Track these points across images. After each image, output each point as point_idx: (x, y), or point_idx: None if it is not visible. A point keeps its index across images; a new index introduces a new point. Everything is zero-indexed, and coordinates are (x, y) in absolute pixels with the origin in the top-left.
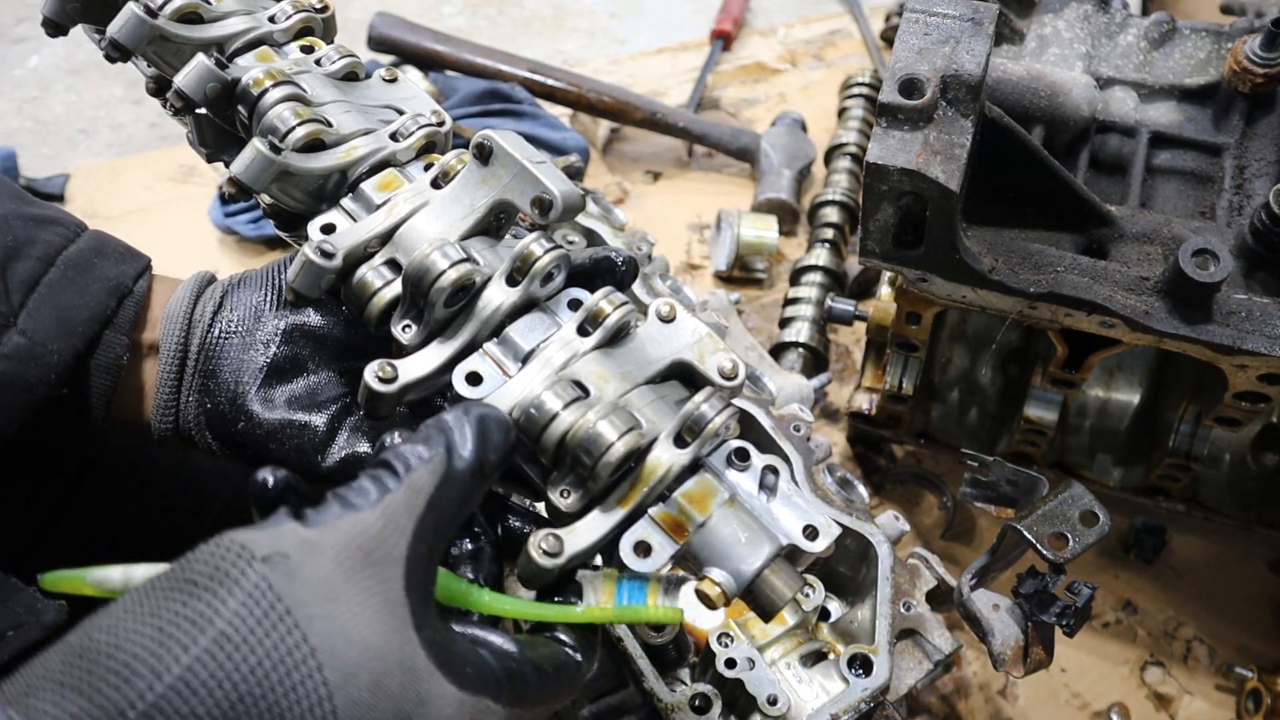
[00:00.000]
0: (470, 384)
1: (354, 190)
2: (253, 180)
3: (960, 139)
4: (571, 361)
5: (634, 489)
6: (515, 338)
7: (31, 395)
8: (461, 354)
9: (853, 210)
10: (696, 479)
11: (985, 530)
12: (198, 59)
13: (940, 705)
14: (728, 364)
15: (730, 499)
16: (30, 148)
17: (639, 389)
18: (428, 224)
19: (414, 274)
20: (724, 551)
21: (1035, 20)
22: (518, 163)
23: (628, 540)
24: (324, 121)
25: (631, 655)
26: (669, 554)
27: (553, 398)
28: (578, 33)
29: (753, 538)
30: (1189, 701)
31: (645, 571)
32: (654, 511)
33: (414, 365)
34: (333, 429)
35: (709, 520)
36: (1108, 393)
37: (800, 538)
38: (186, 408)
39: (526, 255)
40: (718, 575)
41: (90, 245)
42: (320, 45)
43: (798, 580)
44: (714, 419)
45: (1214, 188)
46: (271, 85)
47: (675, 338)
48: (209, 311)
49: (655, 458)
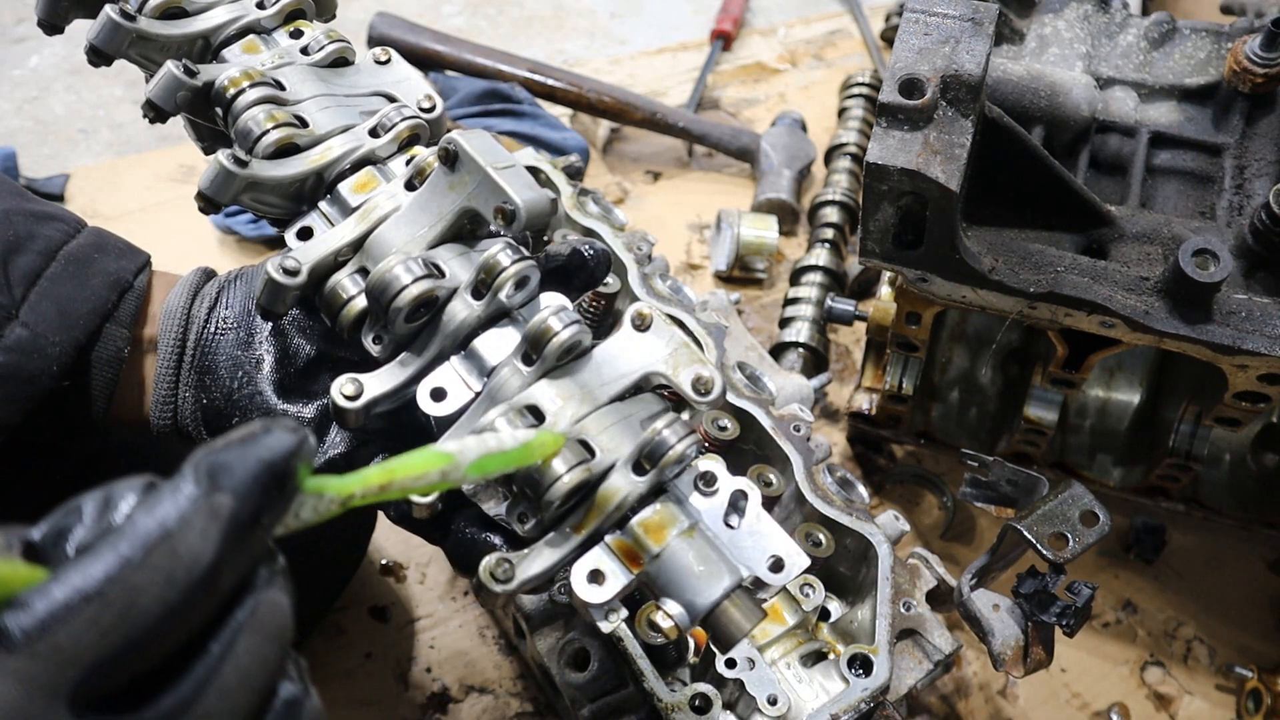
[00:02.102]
0: (435, 400)
1: (331, 192)
2: (217, 194)
3: (960, 139)
4: (526, 385)
5: (589, 516)
6: (481, 352)
7: (33, 387)
8: (427, 368)
9: (853, 210)
10: (655, 507)
11: (985, 530)
12: (165, 69)
13: (940, 705)
14: (704, 375)
15: (690, 528)
16: (30, 148)
17: (600, 411)
18: (396, 232)
19: (375, 289)
20: (679, 583)
21: (1035, 20)
22: (481, 169)
23: (580, 568)
24: (299, 122)
25: (631, 655)
26: (622, 584)
27: (505, 426)
28: (578, 33)
29: (710, 570)
30: (1189, 701)
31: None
32: (610, 539)
33: (379, 381)
34: (323, 424)
35: (664, 551)
36: (1108, 393)
37: (764, 569)
38: (184, 403)
39: (491, 266)
40: (671, 608)
41: (91, 241)
42: (310, 29)
43: (758, 613)
44: (675, 446)
45: (1214, 188)
46: (248, 85)
47: (649, 349)
48: (205, 308)
49: (612, 485)
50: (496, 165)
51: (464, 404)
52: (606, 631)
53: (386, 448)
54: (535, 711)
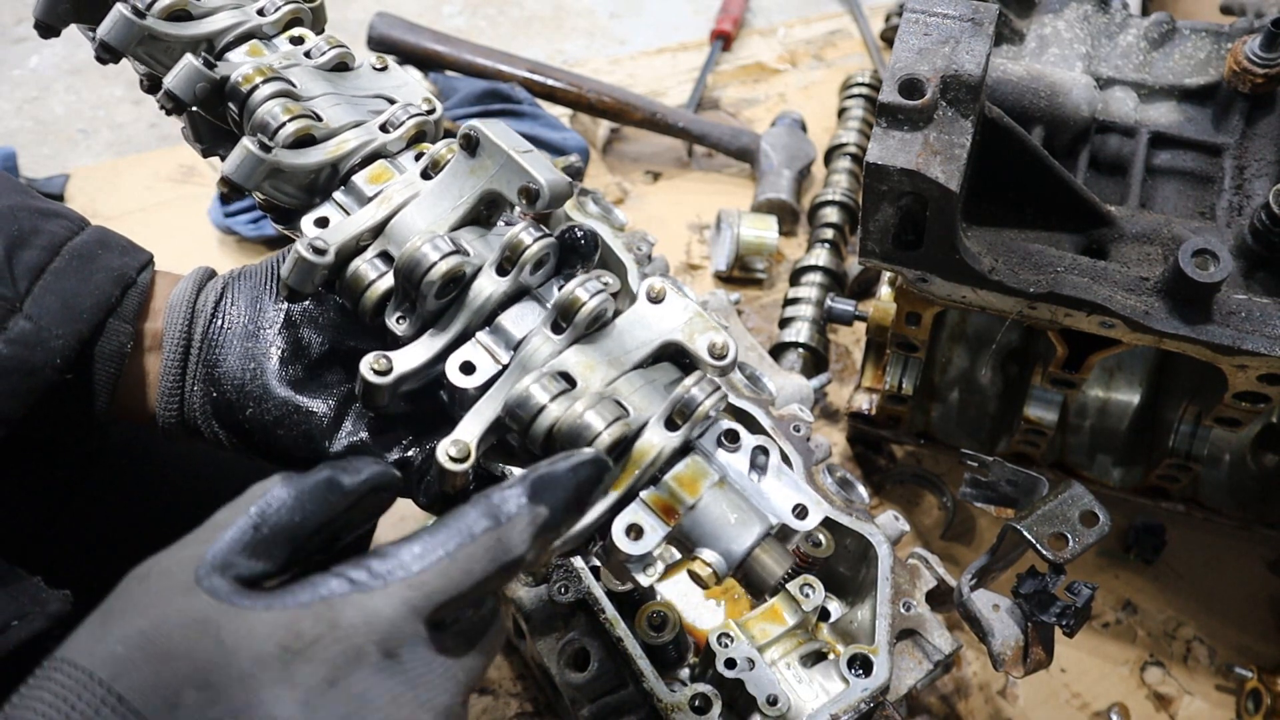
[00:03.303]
0: (464, 373)
1: (345, 183)
2: (244, 179)
3: (960, 139)
4: (557, 353)
5: (625, 473)
6: (507, 326)
7: (36, 380)
8: (454, 344)
9: (853, 210)
10: (687, 461)
11: (985, 530)
12: (186, 60)
13: (940, 705)
14: (718, 341)
15: (720, 480)
16: (30, 148)
17: (627, 375)
18: (418, 216)
19: (405, 267)
20: (715, 533)
21: (1035, 20)
22: (504, 153)
23: (620, 523)
24: (313, 116)
25: (631, 655)
26: (660, 536)
27: (540, 391)
28: (578, 33)
29: (742, 518)
30: (1189, 701)
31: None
32: (645, 494)
33: (408, 357)
34: (339, 415)
35: (699, 502)
36: (1108, 393)
37: (790, 516)
38: (191, 397)
39: (516, 245)
40: (709, 556)
41: (94, 237)
42: (310, 36)
43: (788, 558)
44: (704, 402)
45: (1214, 188)
46: (261, 81)
47: (665, 318)
48: (211, 302)
49: (646, 441)
50: (518, 149)
51: (492, 375)
52: (645, 585)
53: (408, 433)
54: (535, 711)
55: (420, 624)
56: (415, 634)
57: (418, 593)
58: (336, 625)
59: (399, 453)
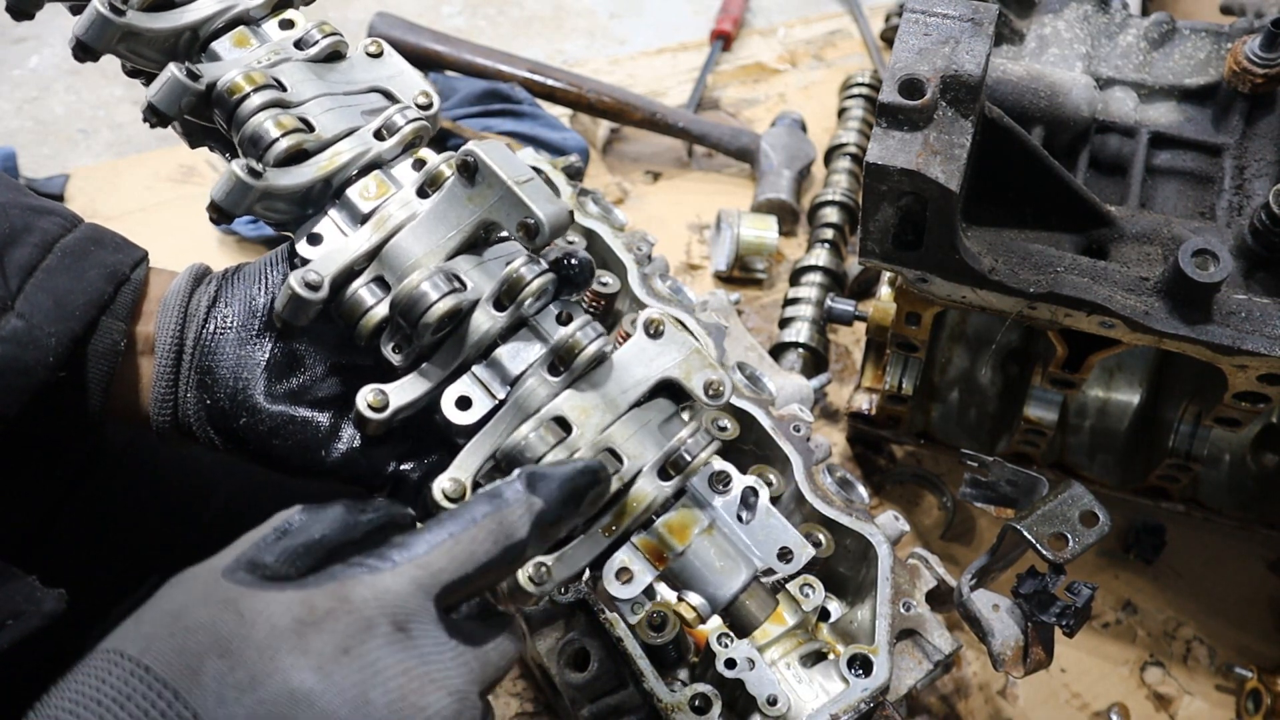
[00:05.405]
0: (460, 408)
1: (339, 196)
2: (232, 206)
3: (960, 139)
4: (553, 395)
5: (618, 519)
6: (503, 361)
7: (29, 379)
8: (450, 378)
9: (853, 210)
10: (678, 508)
11: (985, 530)
12: (168, 72)
13: (940, 705)
14: (714, 379)
15: (709, 526)
16: (30, 148)
17: (622, 420)
18: (414, 242)
19: (403, 304)
20: (702, 577)
21: (1035, 20)
22: (504, 183)
23: (610, 567)
24: (305, 127)
25: (631, 655)
26: (649, 579)
27: (537, 441)
28: (578, 33)
29: (728, 565)
30: (1189, 701)
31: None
32: (636, 539)
33: (403, 392)
34: (335, 425)
35: (688, 549)
36: (1108, 393)
37: (775, 560)
38: (185, 402)
39: (515, 281)
40: (695, 600)
41: (88, 235)
42: (300, 20)
43: (772, 602)
44: (699, 456)
45: (1214, 188)
46: (251, 90)
47: (663, 355)
48: (204, 306)
49: (640, 490)
50: (518, 180)
51: (487, 411)
52: (633, 623)
53: (406, 444)
54: (535, 711)
55: (429, 602)
56: (424, 610)
57: (425, 571)
58: (348, 600)
59: (395, 465)
